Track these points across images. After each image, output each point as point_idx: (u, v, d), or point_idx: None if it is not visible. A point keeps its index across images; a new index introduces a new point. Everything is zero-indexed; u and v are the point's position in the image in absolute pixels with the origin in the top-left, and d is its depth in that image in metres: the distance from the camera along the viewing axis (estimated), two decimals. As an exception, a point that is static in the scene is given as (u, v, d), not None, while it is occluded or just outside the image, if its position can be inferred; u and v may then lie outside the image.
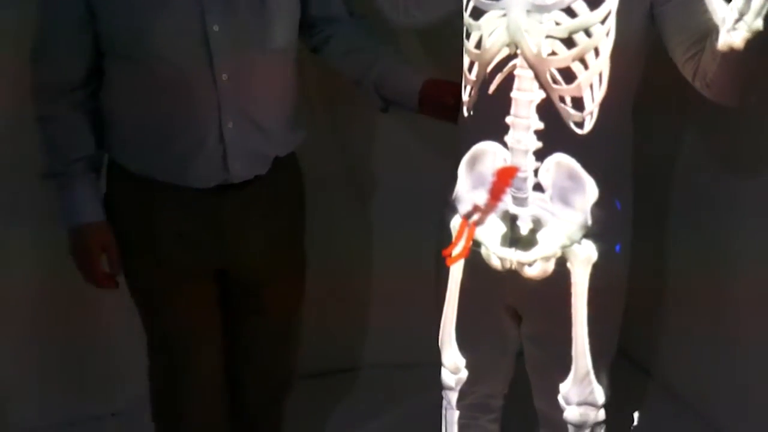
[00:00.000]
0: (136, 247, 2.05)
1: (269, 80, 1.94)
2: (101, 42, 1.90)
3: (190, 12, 1.84)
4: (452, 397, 2.07)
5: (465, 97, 1.79)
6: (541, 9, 1.64)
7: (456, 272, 1.92)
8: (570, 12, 1.63)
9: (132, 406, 2.70)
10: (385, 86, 2.11)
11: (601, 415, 1.95)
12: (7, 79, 2.28)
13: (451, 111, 1.90)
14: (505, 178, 1.72)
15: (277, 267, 2.14)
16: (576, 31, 1.63)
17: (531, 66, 1.66)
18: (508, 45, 1.68)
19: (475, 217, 1.78)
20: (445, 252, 1.86)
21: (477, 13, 1.72)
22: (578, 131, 1.68)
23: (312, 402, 2.92)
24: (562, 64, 1.65)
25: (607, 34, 1.63)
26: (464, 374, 2.02)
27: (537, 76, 1.66)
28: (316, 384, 3.03)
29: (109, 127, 1.98)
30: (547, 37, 1.64)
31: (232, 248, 2.05)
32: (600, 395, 1.91)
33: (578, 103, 1.67)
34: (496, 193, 1.74)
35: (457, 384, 2.04)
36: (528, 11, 1.64)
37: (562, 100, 1.67)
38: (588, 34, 1.63)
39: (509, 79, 1.69)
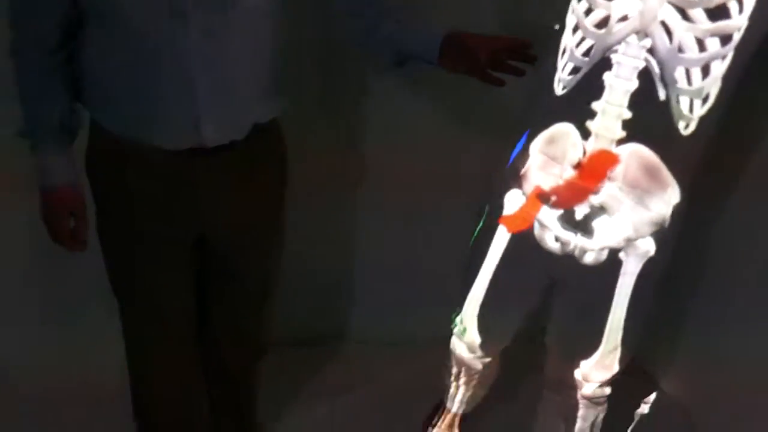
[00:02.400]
0: (110, 207, 2.03)
1: (245, 41, 1.87)
2: (76, 2, 1.84)
3: None
4: (459, 369, 2.18)
5: (560, 72, 1.79)
6: (683, 3, 1.63)
7: (498, 246, 1.95)
8: (712, 14, 1.62)
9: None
10: (402, 38, 2.06)
11: (608, 390, 2.05)
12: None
13: (478, 65, 1.89)
14: (604, 166, 1.72)
15: (254, 236, 2.12)
16: (715, 35, 1.64)
17: (660, 59, 1.66)
18: (637, 33, 1.67)
19: (553, 198, 1.79)
20: (503, 219, 1.87)
21: None
22: (683, 132, 1.70)
23: (294, 371, 2.94)
24: (692, 65, 1.65)
25: (734, 47, 1.65)
26: (477, 354, 2.10)
27: (662, 70, 1.66)
28: (300, 353, 3.02)
29: (87, 86, 1.93)
30: (685, 31, 1.64)
31: (205, 215, 2.01)
32: (615, 371, 2.00)
33: (691, 105, 1.69)
34: (589, 181, 1.75)
35: (467, 359, 2.14)
36: (668, 2, 1.64)
37: (677, 98, 1.68)
38: (723, 40, 1.64)
39: (608, 64, 1.70)
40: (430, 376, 2.42)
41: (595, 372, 2.00)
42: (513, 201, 1.91)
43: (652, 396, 3.04)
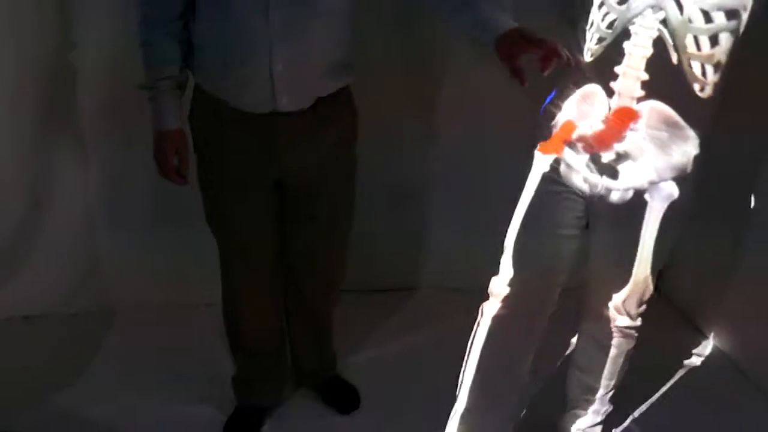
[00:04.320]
0: (206, 155, 2.45)
1: (318, 35, 2.26)
2: None
3: None
4: (491, 307, 2.26)
5: (589, 42, 2.05)
6: None
7: (533, 181, 2.21)
8: None
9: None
10: (470, 28, 2.25)
11: (639, 322, 2.32)
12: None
13: (515, 66, 2.04)
14: (627, 118, 1.98)
15: (322, 182, 2.48)
16: (720, 9, 1.89)
17: (672, 29, 1.91)
18: (652, 7, 1.93)
19: (583, 143, 2.06)
20: (540, 147, 2.14)
21: None
22: (699, 94, 1.96)
23: (369, 314, 3.30)
24: (700, 34, 1.90)
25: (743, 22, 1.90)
26: (511, 289, 2.22)
27: (674, 38, 1.91)
28: (375, 298, 3.39)
29: (194, 54, 2.35)
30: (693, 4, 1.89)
31: (281, 165, 2.40)
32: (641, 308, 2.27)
33: (703, 70, 1.94)
34: (614, 130, 2.01)
35: (502, 294, 2.23)
36: None
37: (689, 62, 1.93)
38: (729, 15, 1.89)
39: (628, 35, 1.96)
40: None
41: (626, 304, 2.25)
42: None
43: (703, 347, 3.25)
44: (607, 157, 2.06)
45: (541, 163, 2.20)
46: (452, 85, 3.28)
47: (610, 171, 2.07)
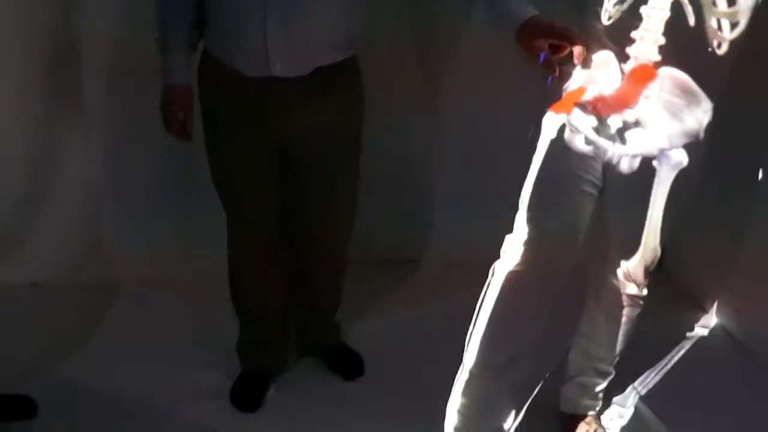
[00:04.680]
0: (211, 119, 2.47)
1: (316, 8, 2.27)
2: None
3: None
4: (505, 264, 2.18)
5: (607, 4, 2.04)
6: None
7: (544, 148, 2.20)
8: None
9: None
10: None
11: (645, 291, 2.34)
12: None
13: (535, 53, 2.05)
14: (644, 78, 1.99)
15: (323, 150, 2.49)
16: None
17: None
18: None
19: (594, 104, 2.07)
20: (552, 107, 2.14)
21: None
22: (716, 51, 1.96)
23: (373, 285, 3.32)
24: None
25: None
26: (527, 246, 2.15)
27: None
28: (380, 271, 3.42)
29: (202, 16, 2.39)
30: None
31: (281, 130, 2.42)
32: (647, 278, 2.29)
33: (719, 25, 1.94)
34: (631, 92, 2.01)
35: (517, 251, 2.16)
36: None
37: (706, 21, 1.93)
38: None
39: None
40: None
41: (634, 272, 2.27)
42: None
43: (704, 322, 3.28)
44: (616, 122, 2.07)
45: (549, 128, 2.20)
46: (458, 57, 3.29)
47: (620, 136, 2.08)
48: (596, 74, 2.09)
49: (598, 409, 2.62)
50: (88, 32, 3.12)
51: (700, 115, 2.06)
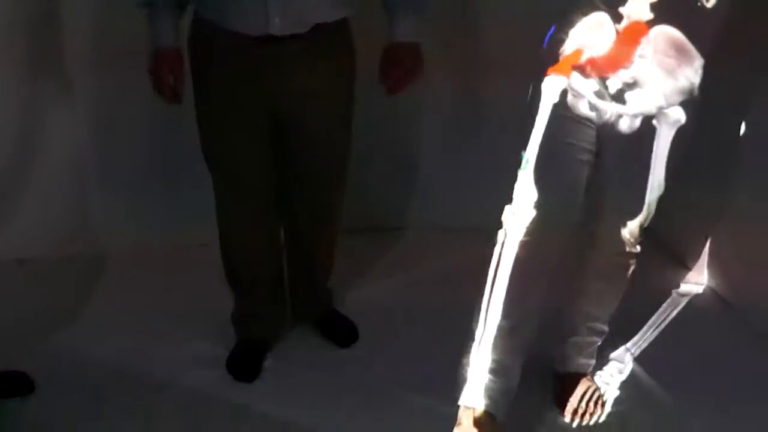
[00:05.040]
0: (202, 85, 2.44)
1: None
2: None
3: None
4: (514, 229, 2.20)
5: None
6: None
7: (545, 113, 2.20)
8: None
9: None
10: None
11: (638, 248, 2.38)
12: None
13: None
14: (636, 35, 2.01)
15: (319, 118, 2.48)
16: None
17: None
18: None
19: (592, 63, 2.09)
20: (549, 69, 2.15)
21: None
22: (706, 4, 1.98)
23: (362, 253, 3.34)
24: None
25: None
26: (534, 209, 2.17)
27: None
28: (368, 238, 3.44)
29: None
30: None
31: (274, 93, 2.40)
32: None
33: None
34: (625, 51, 2.03)
35: (524, 215, 2.18)
36: None
37: None
38: None
39: None
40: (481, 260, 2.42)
41: (632, 230, 2.30)
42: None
43: (693, 284, 3.30)
44: (615, 84, 2.09)
45: (550, 92, 2.20)
46: (449, 29, 3.28)
47: (619, 97, 2.10)
48: (592, 36, 2.10)
49: (591, 368, 2.65)
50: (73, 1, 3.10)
51: (694, 71, 2.09)
